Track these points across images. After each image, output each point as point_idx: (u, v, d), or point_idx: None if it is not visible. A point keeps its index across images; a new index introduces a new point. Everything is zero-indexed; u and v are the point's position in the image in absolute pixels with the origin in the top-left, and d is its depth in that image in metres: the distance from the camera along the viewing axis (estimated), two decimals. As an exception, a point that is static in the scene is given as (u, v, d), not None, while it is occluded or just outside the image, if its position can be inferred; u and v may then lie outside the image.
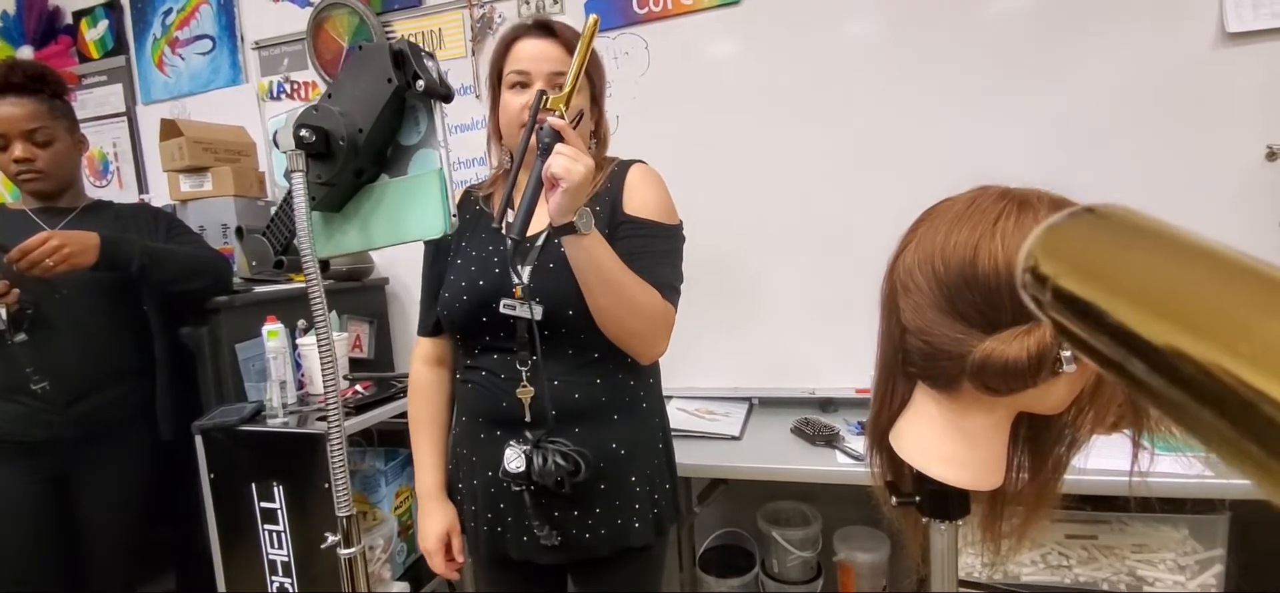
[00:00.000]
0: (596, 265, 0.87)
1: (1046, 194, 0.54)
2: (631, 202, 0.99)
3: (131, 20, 2.29)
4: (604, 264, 0.87)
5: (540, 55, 0.96)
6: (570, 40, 0.96)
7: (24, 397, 1.33)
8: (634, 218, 0.98)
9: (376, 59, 0.65)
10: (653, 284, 0.93)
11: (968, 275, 0.52)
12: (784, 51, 1.68)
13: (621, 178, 1.01)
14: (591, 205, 0.98)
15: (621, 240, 0.96)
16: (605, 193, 1.00)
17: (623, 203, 0.99)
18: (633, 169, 1.03)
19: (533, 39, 0.97)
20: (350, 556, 0.67)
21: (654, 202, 1.00)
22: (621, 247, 0.95)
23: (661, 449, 1.05)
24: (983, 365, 0.51)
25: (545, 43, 0.96)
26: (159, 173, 2.04)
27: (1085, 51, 1.49)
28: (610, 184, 1.01)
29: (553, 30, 0.97)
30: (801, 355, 1.76)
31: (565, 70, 0.93)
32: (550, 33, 0.97)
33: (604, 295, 0.89)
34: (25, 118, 1.36)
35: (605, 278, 0.88)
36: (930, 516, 0.63)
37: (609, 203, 0.99)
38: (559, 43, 0.96)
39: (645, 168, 1.05)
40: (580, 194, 0.80)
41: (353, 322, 1.90)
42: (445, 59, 1.92)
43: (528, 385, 0.94)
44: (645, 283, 0.92)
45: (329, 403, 0.63)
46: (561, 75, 0.94)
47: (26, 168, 1.38)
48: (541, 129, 0.81)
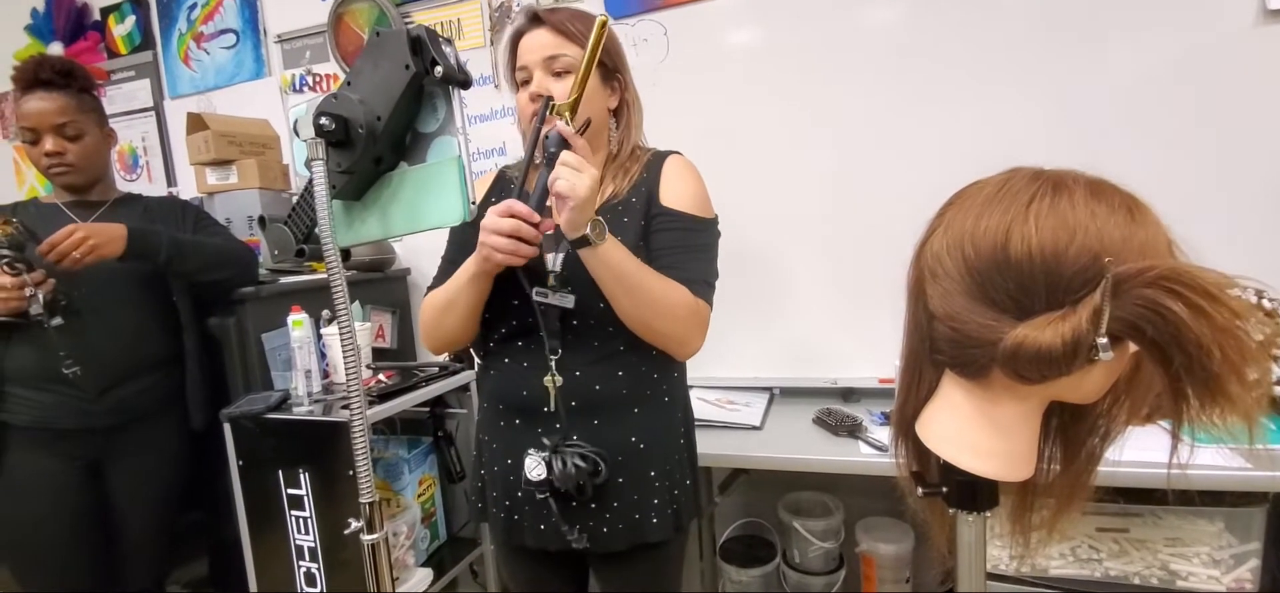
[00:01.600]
0: (615, 273, 0.86)
1: (1082, 176, 0.52)
2: (668, 193, 0.98)
3: (158, 16, 2.33)
4: (623, 270, 0.87)
5: (531, 46, 0.96)
6: (560, 25, 0.95)
7: (59, 385, 1.36)
8: (670, 210, 0.97)
9: (394, 45, 0.65)
10: (686, 279, 0.93)
11: (1000, 260, 0.50)
12: (804, 38, 1.65)
13: (658, 168, 1.01)
14: (629, 196, 0.98)
15: (657, 233, 0.95)
16: (642, 183, 0.99)
17: (659, 193, 0.98)
18: (669, 160, 1.02)
19: (527, 32, 0.97)
20: (373, 541, 0.67)
21: (690, 194, 0.99)
22: (657, 240, 0.94)
23: (682, 444, 1.04)
24: (1015, 352, 0.49)
25: (535, 33, 0.96)
26: (186, 166, 2.07)
27: (1113, 36, 1.44)
28: (646, 174, 1.00)
29: (541, 19, 0.97)
30: (823, 345, 1.74)
31: (557, 55, 0.93)
32: (538, 22, 0.97)
33: (626, 300, 0.89)
34: (55, 112, 1.39)
35: (626, 285, 0.87)
36: (958, 507, 0.61)
37: (645, 193, 0.98)
38: (548, 28, 0.95)
39: (682, 159, 1.04)
40: (587, 207, 0.80)
41: (376, 312, 1.93)
42: (464, 49, 1.92)
43: (556, 374, 0.93)
44: (671, 282, 0.91)
45: (351, 390, 0.63)
46: (555, 60, 0.94)
47: (57, 161, 1.41)
48: (548, 136, 0.81)
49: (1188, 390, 0.47)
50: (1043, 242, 0.48)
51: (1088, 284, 0.47)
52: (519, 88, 0.98)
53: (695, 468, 1.09)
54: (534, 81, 0.94)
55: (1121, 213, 0.49)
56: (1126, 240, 0.48)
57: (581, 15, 0.97)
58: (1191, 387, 0.46)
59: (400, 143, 0.70)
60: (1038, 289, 0.49)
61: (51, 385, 1.36)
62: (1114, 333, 0.46)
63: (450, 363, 1.75)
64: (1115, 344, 0.47)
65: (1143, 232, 0.49)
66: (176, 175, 2.39)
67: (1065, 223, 0.48)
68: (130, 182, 2.44)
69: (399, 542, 1.57)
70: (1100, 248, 0.47)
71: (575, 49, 0.94)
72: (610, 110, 1.02)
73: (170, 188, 2.38)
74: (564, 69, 0.94)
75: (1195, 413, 0.53)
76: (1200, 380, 0.45)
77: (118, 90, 2.40)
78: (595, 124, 0.97)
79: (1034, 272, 0.49)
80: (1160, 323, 0.44)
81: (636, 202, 0.98)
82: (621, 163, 1.02)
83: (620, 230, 0.95)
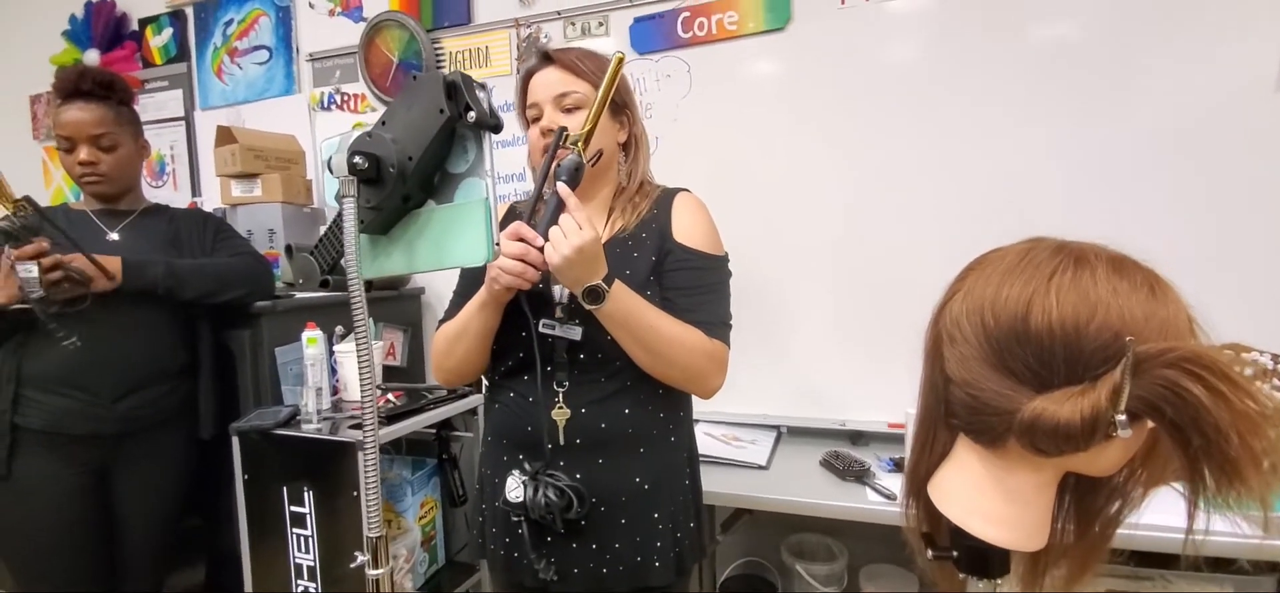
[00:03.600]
0: (626, 325, 0.87)
1: (1104, 250, 0.52)
2: (680, 230, 0.99)
3: (194, 29, 2.39)
4: (634, 322, 0.87)
5: (542, 84, 0.98)
6: (570, 63, 0.98)
7: (73, 391, 1.38)
8: (685, 247, 0.98)
9: (430, 89, 0.67)
10: (703, 322, 0.94)
11: (1019, 331, 0.50)
12: (825, 79, 1.67)
13: (668, 205, 1.02)
14: (639, 231, 0.99)
15: (672, 272, 0.96)
16: (651, 220, 1.00)
17: (671, 230, 0.99)
18: (680, 196, 1.04)
19: (538, 71, 1.00)
20: (378, 577, 0.67)
21: (702, 231, 1.00)
22: (671, 278, 0.95)
23: (688, 485, 1.04)
24: (1032, 425, 0.49)
25: (546, 71, 0.98)
26: (211, 176, 2.11)
27: (1132, 85, 1.45)
28: (657, 211, 1.01)
29: (551, 58, 0.99)
30: (833, 386, 1.73)
31: (568, 91, 0.95)
32: (548, 60, 0.99)
33: (640, 350, 0.90)
34: (93, 123, 1.43)
35: (639, 336, 0.89)
36: (968, 573, 0.61)
37: (656, 230, 0.99)
38: (558, 67, 0.98)
39: (693, 196, 1.05)
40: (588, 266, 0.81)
41: (388, 330, 1.94)
42: (491, 76, 1.96)
43: (563, 406, 0.94)
44: (686, 326, 0.92)
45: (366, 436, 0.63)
46: (565, 97, 0.96)
47: (90, 171, 1.45)
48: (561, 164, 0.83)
49: (1205, 470, 0.47)
50: (1063, 316, 0.49)
51: (1108, 361, 0.47)
52: (530, 125, 1.00)
53: (700, 510, 1.08)
54: (544, 117, 0.96)
55: (1143, 290, 0.49)
56: (1148, 318, 0.48)
57: (591, 55, 0.99)
58: (1208, 468, 0.46)
59: (429, 181, 0.72)
60: (1057, 363, 0.49)
61: (66, 390, 1.38)
62: (1133, 411, 0.46)
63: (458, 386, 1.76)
64: (1133, 422, 0.47)
65: (1164, 310, 0.49)
66: (201, 185, 2.44)
67: (1087, 298, 0.49)
68: (156, 188, 2.48)
69: (398, 565, 1.56)
70: (1121, 325, 0.47)
71: (585, 86, 0.96)
72: (619, 144, 1.04)
73: (195, 198, 2.42)
74: (574, 106, 0.96)
75: (1211, 491, 0.53)
76: (1217, 463, 0.45)
77: (150, 99, 2.45)
78: (605, 157, 0.99)
79: (1054, 345, 0.49)
80: (1180, 404, 0.44)
81: (647, 238, 0.98)
82: (629, 196, 1.03)
83: (630, 265, 0.95)
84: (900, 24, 1.61)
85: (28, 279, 1.24)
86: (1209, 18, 1.39)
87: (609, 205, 1.03)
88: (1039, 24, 1.51)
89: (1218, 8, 1.39)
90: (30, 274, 1.24)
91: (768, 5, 1.69)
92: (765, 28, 1.70)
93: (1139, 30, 1.43)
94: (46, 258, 1.25)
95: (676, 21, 1.77)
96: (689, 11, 1.76)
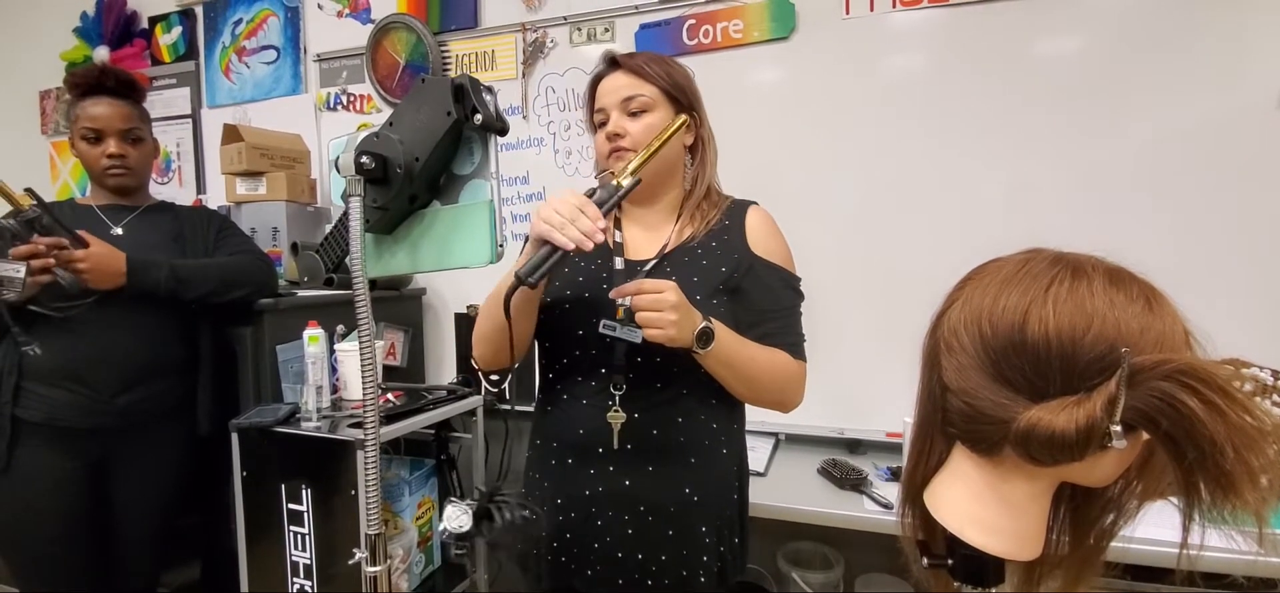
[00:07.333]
0: (731, 365, 0.88)
1: (1101, 262, 0.53)
2: (760, 245, 0.99)
3: (203, 28, 2.41)
4: (737, 359, 0.89)
5: (609, 89, 0.98)
6: (636, 68, 0.98)
7: (75, 385, 1.38)
8: (769, 264, 0.98)
9: (438, 91, 0.68)
10: (789, 344, 0.96)
11: (1016, 341, 0.51)
12: (829, 88, 1.68)
13: (741, 217, 1.01)
14: (708, 240, 0.98)
15: (753, 290, 0.97)
16: (723, 230, 0.99)
17: (748, 242, 0.99)
18: (753, 210, 1.04)
19: (605, 76, 1.00)
20: (376, 574, 0.68)
21: (782, 249, 1.02)
22: (754, 296, 0.96)
23: (736, 499, 1.02)
24: (1028, 434, 0.50)
25: (613, 76, 0.99)
26: (217, 173, 2.13)
27: (1134, 100, 1.46)
28: (729, 221, 1.01)
29: (618, 62, 1.00)
30: (831, 394, 1.72)
31: (633, 95, 0.96)
32: (615, 65, 1.00)
33: (741, 385, 0.92)
34: (122, 117, 1.46)
35: (741, 371, 0.90)
36: (963, 581, 0.61)
37: (728, 241, 0.99)
38: (625, 71, 0.98)
39: (766, 211, 1.05)
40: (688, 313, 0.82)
41: (389, 329, 1.95)
42: (496, 79, 1.97)
43: (619, 410, 0.92)
44: (775, 352, 0.94)
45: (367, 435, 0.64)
46: (631, 101, 0.96)
47: (118, 164, 1.47)
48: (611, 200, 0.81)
49: (1199, 483, 0.47)
50: (1060, 326, 0.49)
51: (1103, 372, 0.48)
52: (597, 130, 1.00)
53: (745, 523, 1.06)
54: (611, 121, 0.96)
55: (1140, 303, 0.50)
56: (1144, 331, 0.48)
57: (658, 58, 1.00)
58: (1203, 481, 0.47)
59: (435, 182, 0.72)
60: (1053, 373, 0.49)
61: (67, 384, 1.38)
62: (1128, 422, 0.46)
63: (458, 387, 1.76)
64: (1129, 433, 0.47)
65: (1160, 323, 0.49)
66: (207, 182, 2.45)
67: (1083, 309, 0.49)
68: (162, 184, 2.50)
69: (394, 565, 1.57)
70: (1117, 336, 0.48)
71: (651, 89, 0.96)
72: (686, 148, 1.03)
73: (200, 194, 2.44)
74: (640, 108, 0.96)
75: (1206, 505, 0.53)
76: (1212, 476, 0.46)
77: (157, 96, 2.47)
78: (669, 160, 0.98)
79: (1050, 355, 0.49)
80: (1175, 417, 0.45)
81: (718, 248, 0.97)
82: (696, 203, 1.02)
83: (699, 273, 0.95)
84: (902, 37, 1.62)
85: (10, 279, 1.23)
86: (1211, 36, 1.41)
87: (676, 210, 1.02)
88: (1041, 40, 1.52)
89: (1219, 27, 1.40)
90: (15, 274, 1.23)
91: (772, 14, 1.70)
92: (770, 36, 1.71)
93: (1142, 46, 1.45)
94: (38, 261, 1.25)
95: (682, 28, 1.78)
96: (695, 19, 1.77)
